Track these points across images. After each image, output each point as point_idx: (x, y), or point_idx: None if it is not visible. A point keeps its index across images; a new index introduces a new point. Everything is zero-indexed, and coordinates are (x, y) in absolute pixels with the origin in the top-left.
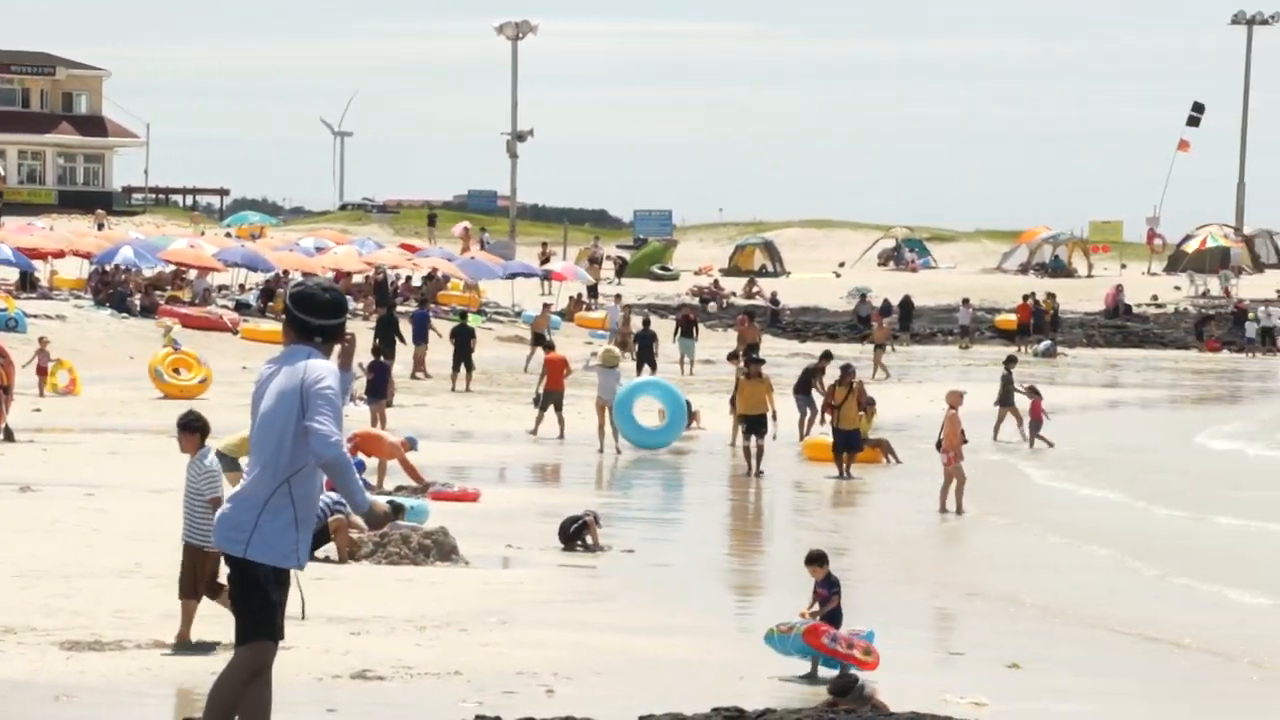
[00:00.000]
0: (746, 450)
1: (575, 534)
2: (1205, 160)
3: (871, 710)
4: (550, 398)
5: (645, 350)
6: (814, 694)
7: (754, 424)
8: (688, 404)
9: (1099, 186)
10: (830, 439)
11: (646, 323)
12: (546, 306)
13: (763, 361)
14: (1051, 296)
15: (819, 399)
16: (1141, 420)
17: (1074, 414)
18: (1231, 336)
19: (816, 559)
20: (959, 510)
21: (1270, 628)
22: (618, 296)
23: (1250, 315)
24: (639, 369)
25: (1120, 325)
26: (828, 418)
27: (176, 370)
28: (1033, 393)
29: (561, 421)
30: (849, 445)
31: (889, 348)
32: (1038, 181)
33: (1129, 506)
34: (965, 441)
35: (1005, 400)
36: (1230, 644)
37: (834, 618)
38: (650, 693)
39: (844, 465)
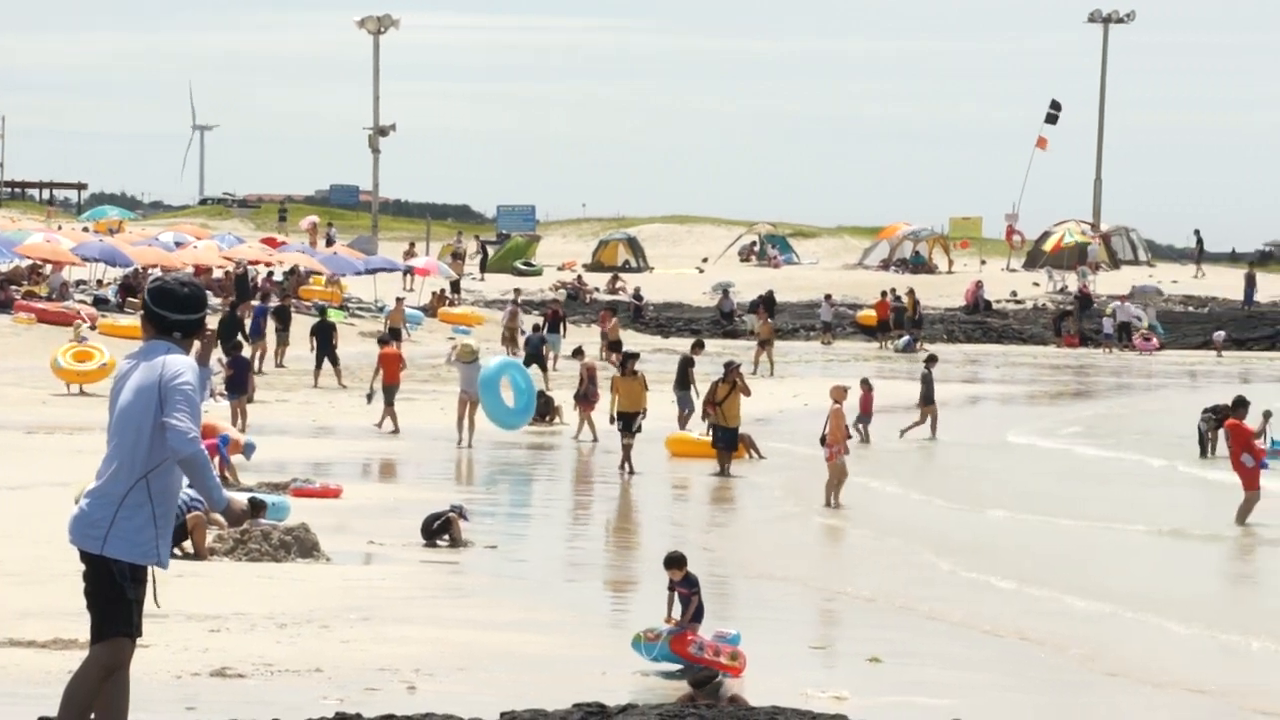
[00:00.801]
0: (626, 447)
1: (438, 530)
2: (1063, 157)
3: (731, 705)
4: (386, 392)
5: (535, 354)
6: (676, 689)
7: (629, 421)
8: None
9: (959, 183)
10: (701, 435)
11: (538, 328)
12: (400, 301)
13: (637, 357)
14: (912, 292)
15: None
16: (987, 416)
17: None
18: (1086, 329)
19: (674, 561)
20: (836, 505)
21: (1099, 625)
22: (517, 290)
23: (1107, 311)
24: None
25: (980, 321)
26: (709, 413)
27: (80, 360)
28: (865, 385)
29: (394, 416)
30: (730, 443)
31: (772, 344)
32: (899, 178)
33: (929, 505)
34: (849, 437)
35: (927, 399)
36: (1070, 640)
37: (696, 615)
38: (513, 689)
39: (727, 462)
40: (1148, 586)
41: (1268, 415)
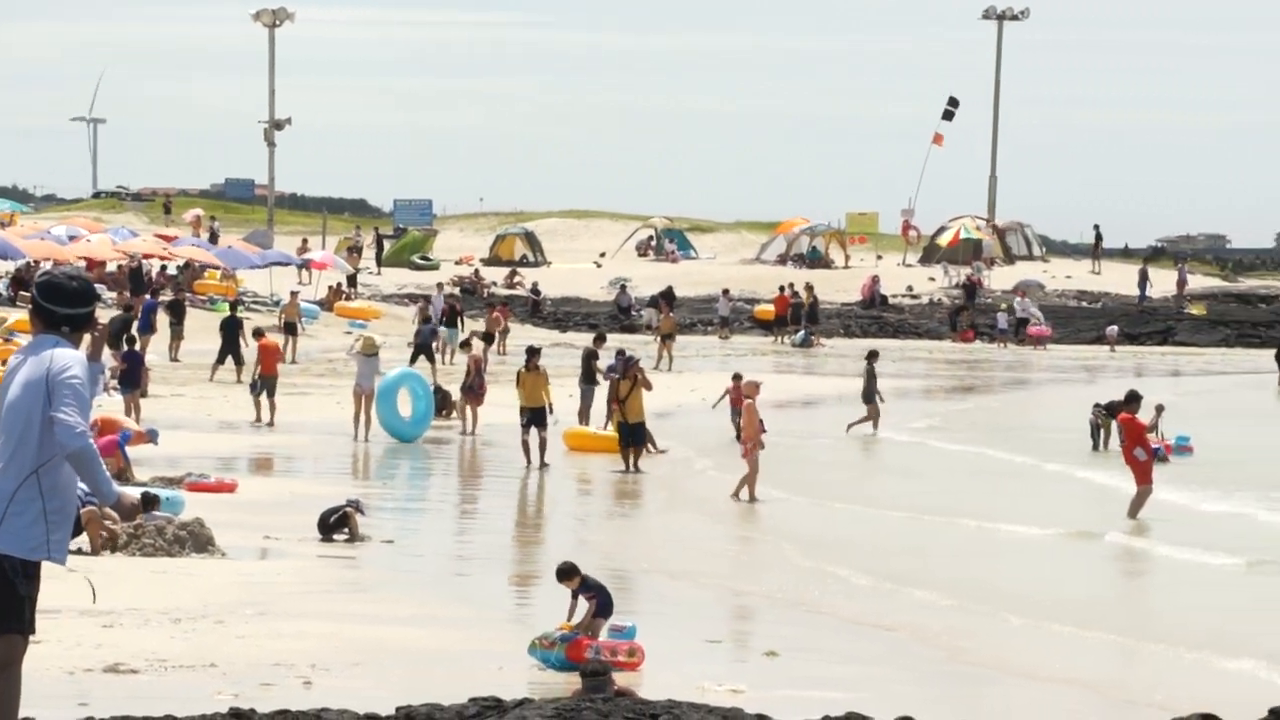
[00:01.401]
0: (525, 444)
1: (334, 524)
2: (959, 154)
3: (624, 698)
4: (264, 383)
5: (425, 347)
6: (570, 681)
7: (534, 417)
8: (448, 394)
9: (856, 179)
10: (600, 430)
11: (427, 320)
12: (294, 294)
13: (539, 352)
14: (810, 288)
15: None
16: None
17: (831, 403)
18: (980, 323)
19: (565, 574)
20: (751, 499)
21: (985, 622)
22: (439, 286)
23: (1003, 306)
24: (412, 360)
25: (876, 316)
26: (613, 410)
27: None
28: (736, 380)
29: (273, 408)
30: (635, 438)
31: (673, 338)
32: (796, 174)
33: (821, 504)
34: (764, 431)
35: (869, 395)
36: (960, 635)
37: (605, 609)
38: (408, 684)
39: (632, 458)
40: (1034, 585)
41: (1160, 409)
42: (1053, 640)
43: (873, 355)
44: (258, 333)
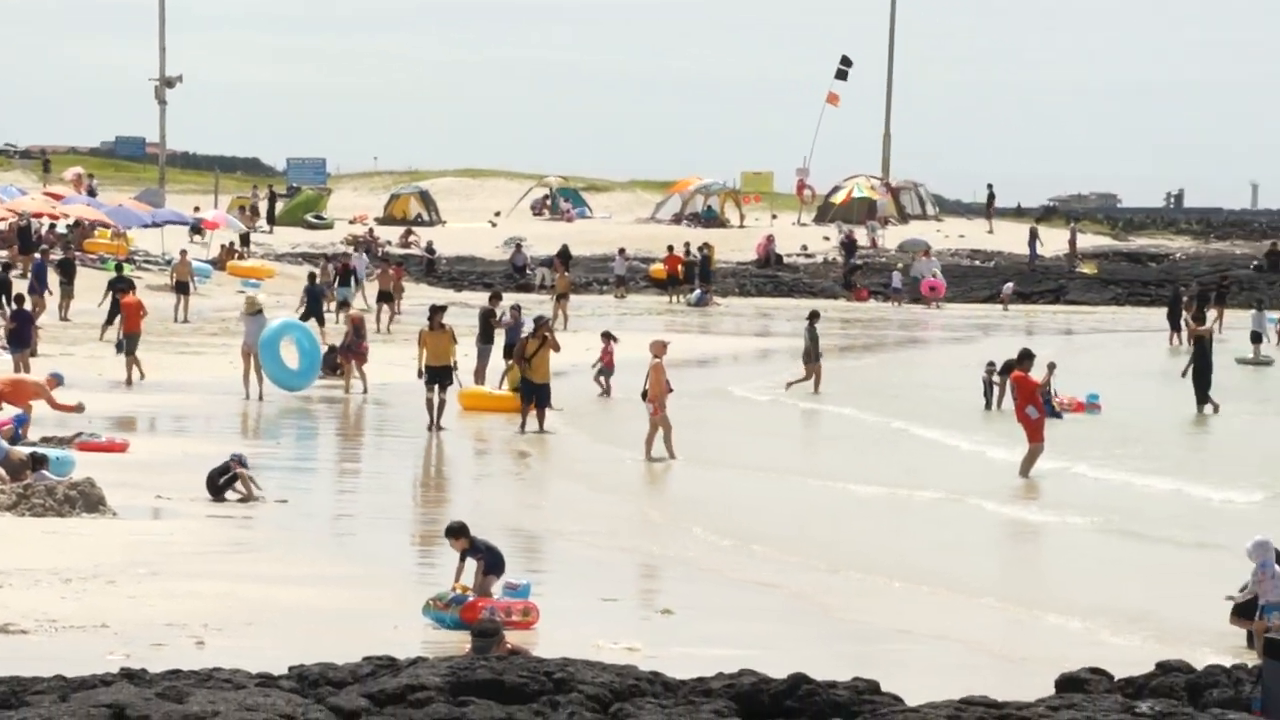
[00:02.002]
0: (429, 402)
1: (225, 484)
2: (853, 113)
3: (516, 657)
4: (128, 341)
5: (314, 305)
6: (465, 641)
7: (438, 375)
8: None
9: (750, 138)
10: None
11: (313, 277)
12: (184, 253)
13: (444, 310)
14: (709, 247)
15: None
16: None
17: (726, 363)
18: (873, 282)
19: (454, 532)
20: (671, 455)
21: (875, 582)
22: (357, 242)
23: (899, 265)
24: (305, 318)
25: (772, 275)
26: (521, 369)
27: None
28: (606, 338)
29: (136, 364)
30: (540, 398)
31: (568, 297)
32: (691, 133)
33: (719, 466)
34: (670, 390)
35: (811, 355)
36: (847, 595)
37: (494, 568)
38: (303, 643)
39: (536, 419)
40: (921, 549)
41: (1052, 367)
42: (934, 601)
43: (814, 316)
44: (123, 289)
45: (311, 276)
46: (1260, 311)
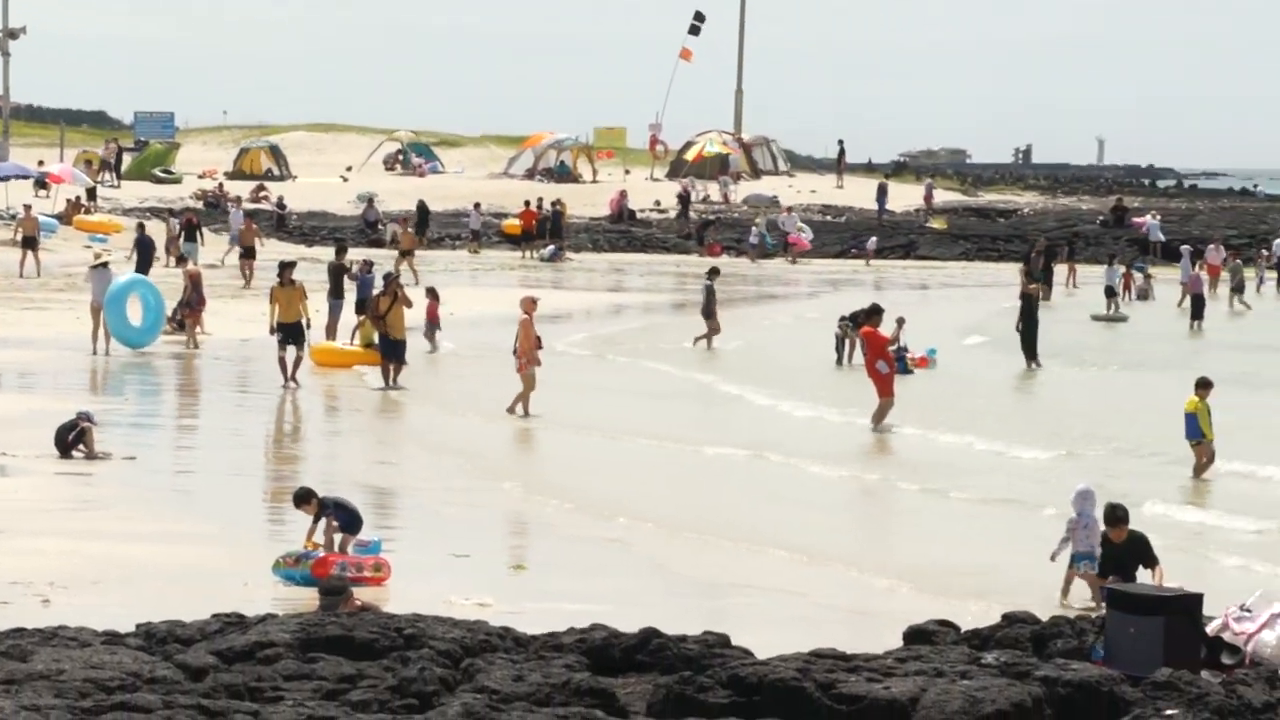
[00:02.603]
0: (281, 360)
1: (73, 441)
2: (706, 69)
3: (366, 613)
4: None
5: (144, 257)
6: (316, 597)
7: (290, 332)
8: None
9: (603, 93)
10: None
11: (141, 228)
12: (28, 208)
13: (294, 265)
14: (560, 202)
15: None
16: (631, 329)
17: (579, 318)
18: (726, 237)
19: (302, 498)
20: (525, 414)
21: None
22: (238, 199)
23: (757, 220)
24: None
25: (624, 230)
26: (375, 326)
27: None
28: (431, 294)
29: None
30: (395, 355)
31: (413, 254)
32: (543, 88)
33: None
34: (540, 347)
35: (708, 311)
36: (700, 552)
37: (349, 526)
38: (151, 601)
39: (392, 375)
40: (762, 509)
41: (901, 322)
42: (778, 559)
43: (713, 273)
44: None
45: (140, 227)
46: (1112, 266)
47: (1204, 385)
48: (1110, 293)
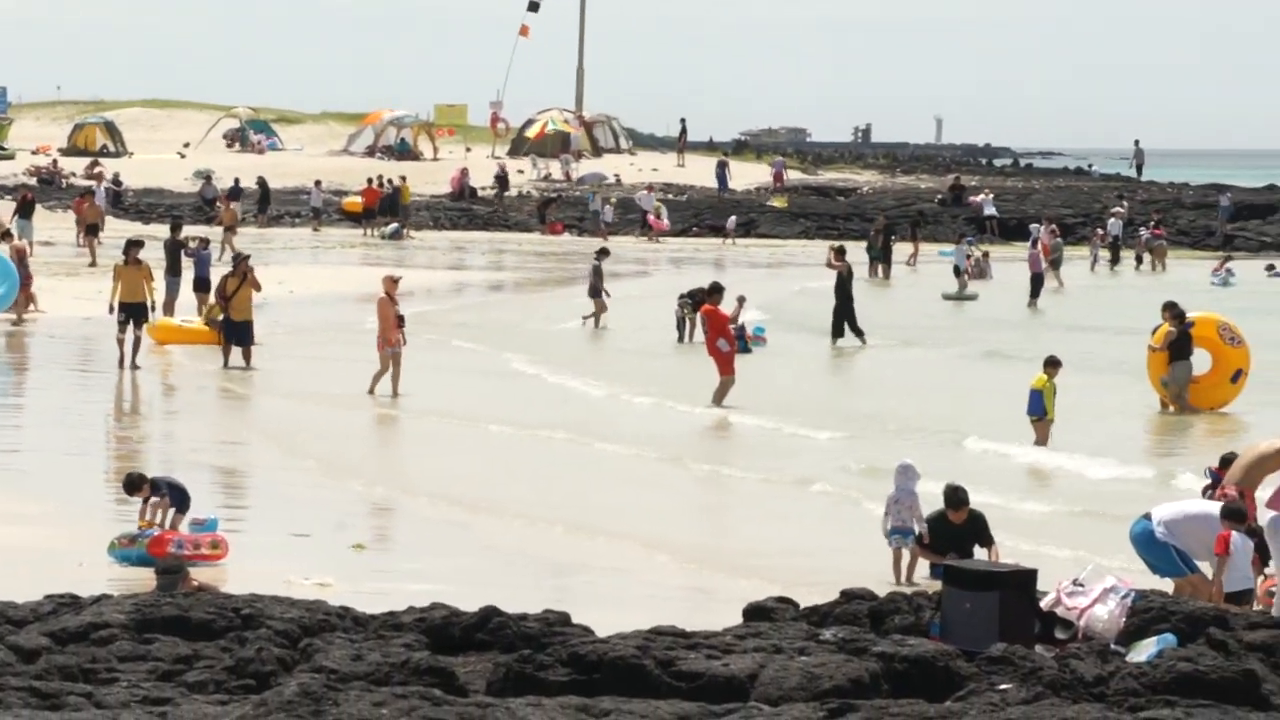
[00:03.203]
0: (120, 341)
1: None
2: (547, 46)
3: (203, 593)
4: None
5: None
6: (152, 578)
7: (134, 312)
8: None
9: (443, 71)
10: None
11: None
12: None
13: (141, 245)
14: (403, 179)
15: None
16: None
17: (421, 298)
18: (568, 215)
19: (133, 485)
20: (394, 394)
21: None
22: (99, 177)
23: (611, 199)
24: None
25: (466, 208)
26: (220, 307)
27: None
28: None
29: None
30: (239, 336)
31: (235, 230)
32: (383, 65)
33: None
34: (401, 325)
35: (595, 291)
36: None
37: (181, 505)
38: None
39: (245, 355)
40: (604, 494)
41: (742, 300)
42: (619, 540)
43: (602, 253)
44: None
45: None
46: (961, 245)
47: (1053, 364)
48: (958, 271)
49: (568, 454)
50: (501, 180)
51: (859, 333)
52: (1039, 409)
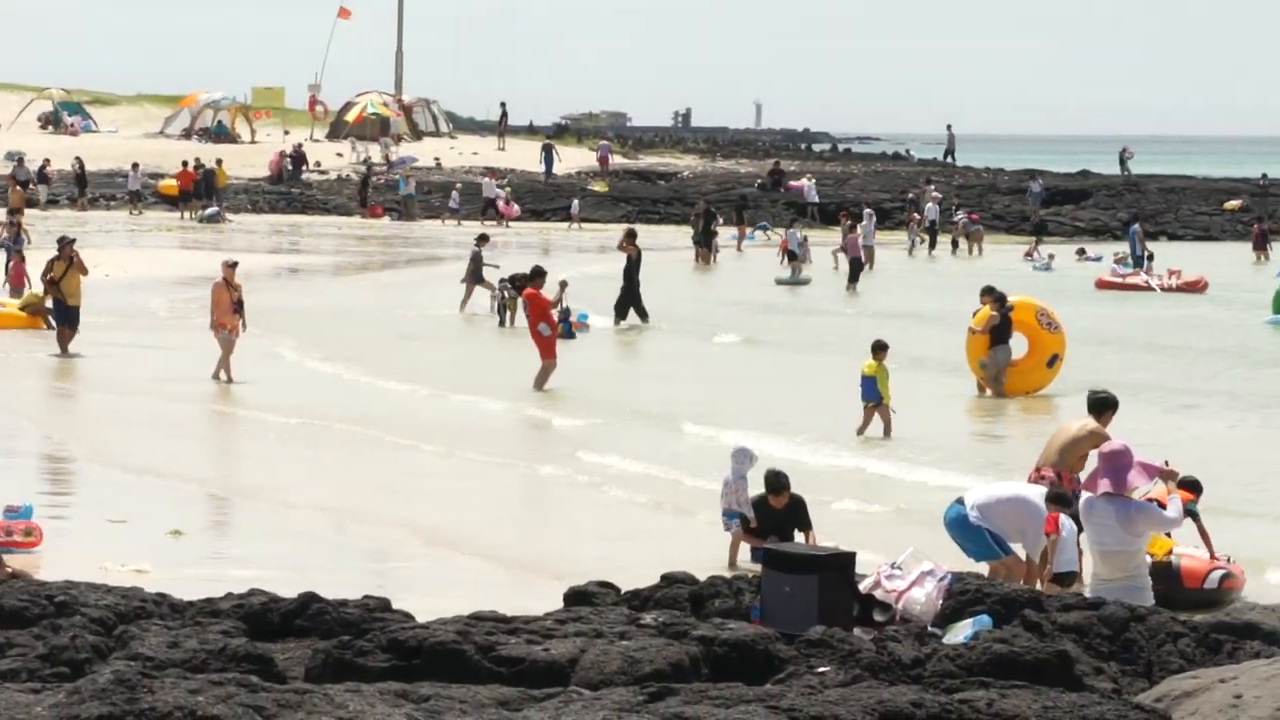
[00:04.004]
0: None
1: None
2: (366, 29)
3: (16, 580)
4: None
5: None
6: None
7: None
8: None
9: (261, 53)
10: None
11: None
12: None
13: None
14: (218, 162)
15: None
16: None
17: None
18: (388, 199)
19: None
20: (228, 379)
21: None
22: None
23: (457, 185)
24: None
25: (285, 191)
26: (48, 291)
27: None
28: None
29: None
30: (70, 320)
31: (22, 212)
32: (199, 47)
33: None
34: (238, 311)
35: (476, 277)
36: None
37: None
38: None
39: (65, 341)
40: (426, 481)
41: (564, 285)
42: (442, 526)
43: (482, 239)
44: None
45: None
46: (793, 229)
47: (880, 348)
48: (791, 256)
49: (389, 442)
50: (296, 161)
51: (643, 314)
52: (874, 394)
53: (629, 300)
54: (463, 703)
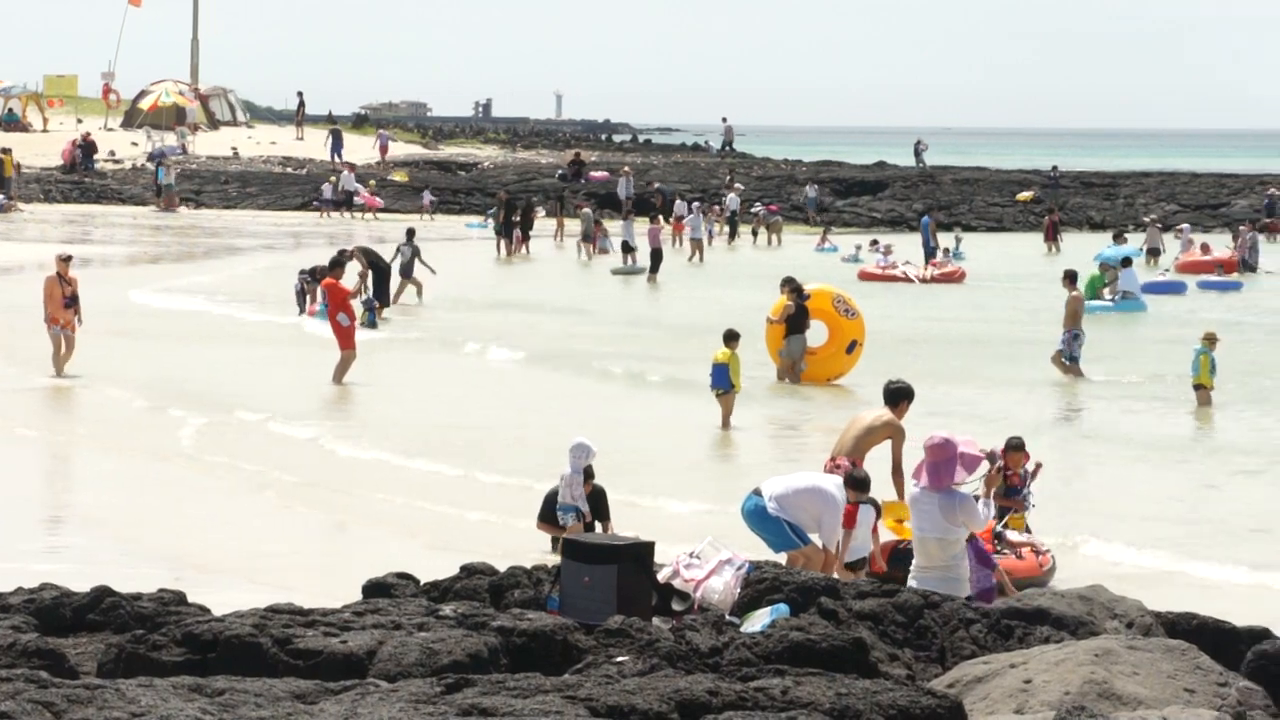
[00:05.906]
0: None
1: None
2: (160, 17)
3: None
4: None
5: None
6: None
7: None
8: None
9: (53, 40)
10: None
11: None
12: None
13: None
14: (6, 151)
15: None
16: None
17: (32, 270)
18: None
19: None
20: (59, 374)
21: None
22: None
23: (331, 178)
24: None
25: (79, 181)
26: None
27: None
28: None
29: None
30: None
31: None
32: None
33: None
34: (71, 305)
35: (406, 272)
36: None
37: None
38: None
39: None
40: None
41: (364, 275)
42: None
43: (411, 233)
44: None
45: None
46: (629, 221)
47: (733, 337)
48: (627, 247)
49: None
50: (85, 150)
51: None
52: (724, 383)
53: (381, 290)
54: (258, 696)
